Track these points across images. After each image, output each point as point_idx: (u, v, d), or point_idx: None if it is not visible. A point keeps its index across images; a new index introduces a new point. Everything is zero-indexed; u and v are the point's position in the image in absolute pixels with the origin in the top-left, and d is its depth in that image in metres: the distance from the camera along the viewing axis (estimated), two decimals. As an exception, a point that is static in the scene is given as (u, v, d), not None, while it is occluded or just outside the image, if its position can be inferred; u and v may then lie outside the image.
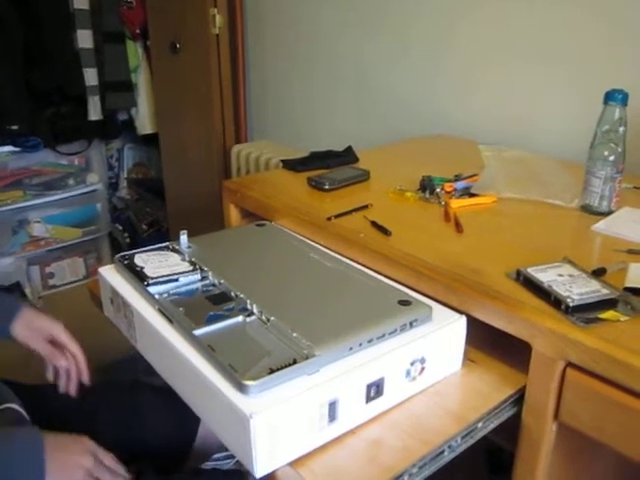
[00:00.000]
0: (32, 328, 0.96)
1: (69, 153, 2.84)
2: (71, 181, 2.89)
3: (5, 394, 0.92)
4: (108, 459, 0.85)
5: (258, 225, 1.07)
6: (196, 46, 2.22)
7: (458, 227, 0.96)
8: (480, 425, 0.73)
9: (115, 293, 0.88)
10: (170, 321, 0.77)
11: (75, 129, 2.78)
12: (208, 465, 1.14)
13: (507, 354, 0.82)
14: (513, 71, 1.43)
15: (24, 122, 2.64)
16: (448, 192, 1.10)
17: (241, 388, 0.63)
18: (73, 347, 0.97)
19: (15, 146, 2.71)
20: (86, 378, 0.97)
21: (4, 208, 2.69)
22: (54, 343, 0.97)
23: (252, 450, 0.62)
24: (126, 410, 1.06)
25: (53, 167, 2.86)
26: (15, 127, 2.63)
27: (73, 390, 0.97)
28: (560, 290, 0.73)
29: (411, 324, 0.75)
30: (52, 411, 1.01)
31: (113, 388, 1.11)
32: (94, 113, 2.68)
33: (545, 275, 0.77)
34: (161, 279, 0.84)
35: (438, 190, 1.10)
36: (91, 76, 2.61)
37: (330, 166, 1.27)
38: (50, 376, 0.97)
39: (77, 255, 2.90)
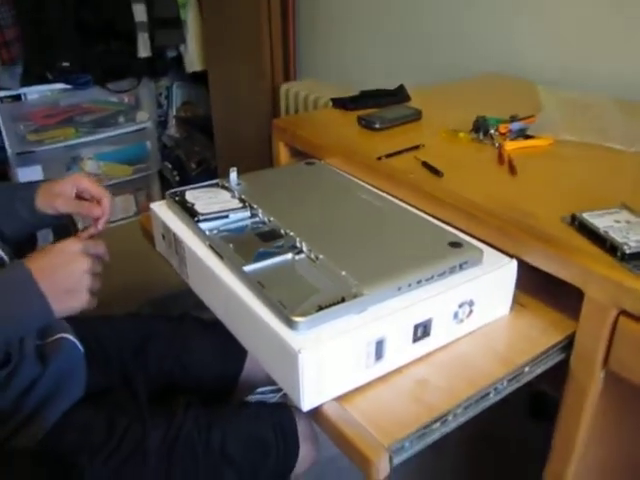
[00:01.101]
0: (54, 194, 0.94)
1: (119, 91, 2.86)
2: (121, 119, 2.91)
3: (59, 325, 0.95)
4: (95, 246, 0.82)
5: (307, 164, 1.06)
6: (246, -19, 2.18)
7: (512, 169, 0.93)
8: (527, 369, 0.73)
9: (167, 229, 0.90)
10: (220, 257, 0.78)
11: (125, 66, 2.79)
12: (253, 398, 1.18)
13: (558, 299, 0.81)
14: (575, 5, 1.36)
15: (75, 59, 2.65)
16: (502, 133, 1.07)
17: (290, 324, 0.64)
18: (97, 191, 0.94)
19: (67, 83, 2.73)
20: (102, 223, 0.94)
21: (57, 145, 2.74)
22: (80, 198, 0.96)
23: (299, 384, 0.63)
24: (175, 342, 1.09)
25: (103, 104, 2.88)
26: (66, 64, 2.65)
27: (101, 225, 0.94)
28: (616, 236, 0.71)
29: (461, 266, 0.74)
30: (104, 342, 1.05)
31: (162, 320, 1.14)
32: (143, 50, 2.67)
33: (601, 221, 0.75)
34: (211, 215, 0.85)
35: (492, 131, 1.07)
36: (140, 12, 2.60)
37: (381, 105, 1.24)
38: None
39: (128, 192, 2.94)
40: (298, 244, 0.78)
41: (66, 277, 0.76)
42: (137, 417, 0.90)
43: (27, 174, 2.57)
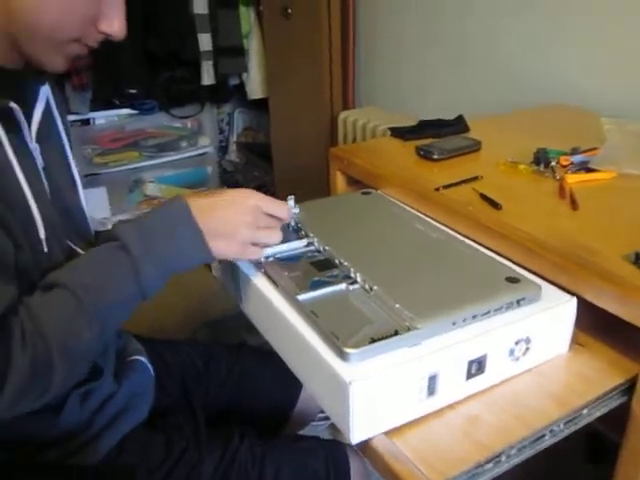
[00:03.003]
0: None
1: (182, 116, 2.94)
2: (184, 143, 2.99)
3: (134, 346, 0.97)
4: (274, 205, 0.79)
5: (364, 193, 1.07)
6: (307, 10, 2.22)
7: (573, 203, 0.91)
8: (585, 412, 0.70)
9: (223, 254, 0.91)
10: (275, 284, 0.79)
11: (189, 93, 2.87)
12: (306, 428, 1.17)
13: (619, 340, 0.78)
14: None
15: (141, 86, 2.74)
16: (564, 166, 1.05)
17: (342, 355, 0.64)
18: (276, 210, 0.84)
19: (133, 109, 2.82)
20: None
21: (121, 168, 2.83)
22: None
23: (349, 417, 0.62)
24: (234, 370, 1.11)
25: (167, 129, 2.96)
26: (133, 90, 2.74)
27: None
28: (684, 276, 0.69)
29: (518, 302, 0.73)
30: (169, 365, 1.08)
31: (222, 348, 1.16)
32: (207, 77, 2.74)
33: (668, 259, 0.72)
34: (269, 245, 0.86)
35: (553, 163, 1.05)
36: (205, 41, 2.68)
37: (439, 135, 1.24)
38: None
39: (187, 215, 3.01)
40: (352, 274, 0.78)
41: (223, 223, 0.74)
42: (194, 441, 0.91)
43: (92, 196, 2.66)
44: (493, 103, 1.73)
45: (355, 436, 0.64)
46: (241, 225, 0.75)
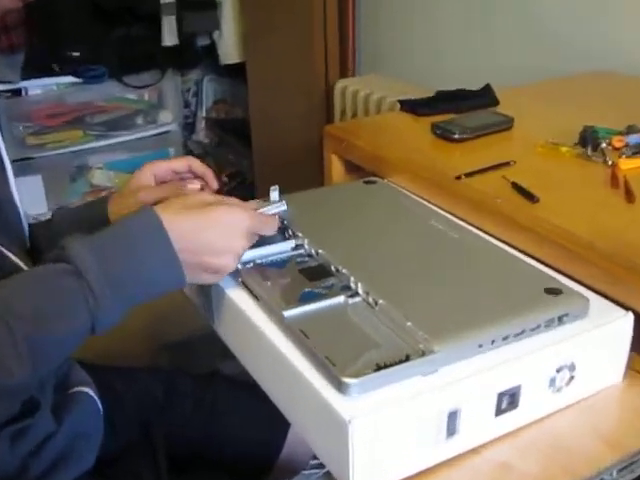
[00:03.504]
0: (129, 191, 0.95)
1: (138, 86, 2.93)
2: (140, 120, 2.98)
3: (78, 376, 0.97)
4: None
5: (367, 182, 1.07)
6: (296, -47, 2.23)
7: (628, 195, 0.91)
8: (644, 456, 0.71)
9: (190, 259, 0.91)
10: (255, 297, 0.78)
11: (146, 57, 2.87)
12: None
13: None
14: None
15: (87, 47, 2.74)
16: (617, 148, 1.05)
17: (339, 386, 0.63)
18: (186, 168, 0.97)
19: (76, 76, 2.81)
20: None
21: (61, 151, 2.82)
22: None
23: (349, 464, 0.62)
24: (203, 406, 1.11)
25: (119, 102, 2.96)
26: (76, 53, 2.73)
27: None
28: None
29: (560, 319, 0.73)
30: (123, 399, 1.07)
31: (189, 378, 1.16)
32: (169, 37, 2.74)
33: None
34: (246, 245, 0.86)
35: (603, 145, 1.05)
36: (167, -10, 2.67)
37: (461, 109, 1.24)
38: None
39: (145, 210, 3.02)
40: (353, 284, 0.78)
41: (207, 250, 0.76)
42: None
43: (25, 185, 2.64)
44: (527, 70, 1.73)
45: (356, 488, 0.64)
46: (230, 257, 0.77)
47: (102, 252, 0.71)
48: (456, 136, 1.12)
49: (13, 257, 0.83)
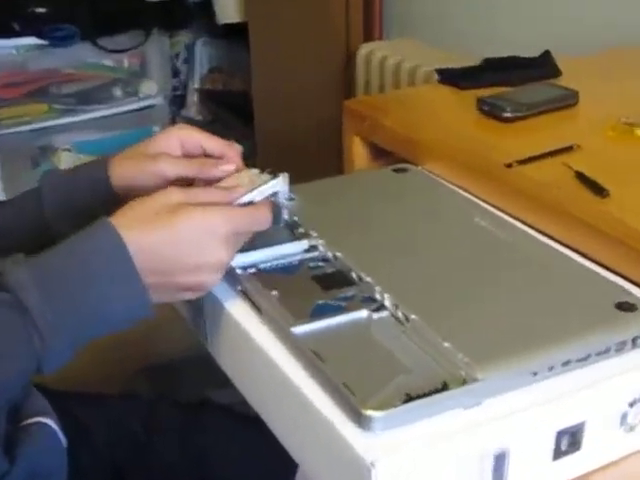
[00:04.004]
0: (149, 155, 0.93)
1: (116, 50, 2.92)
2: (117, 91, 2.98)
3: (36, 404, 0.97)
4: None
5: (396, 170, 1.07)
6: None
7: None
8: None
9: (177, 263, 0.91)
10: (258, 310, 0.79)
11: (126, 14, 2.86)
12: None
13: None
14: None
15: (54, 2, 2.73)
16: None
17: (360, 420, 0.63)
18: (217, 146, 0.94)
19: (40, 38, 2.80)
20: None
21: (21, 128, 2.81)
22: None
23: (372, 517, 0.62)
24: (190, 443, 1.11)
25: (92, 70, 2.95)
26: (41, 10, 2.73)
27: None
28: None
29: (634, 342, 0.72)
30: (92, 432, 1.08)
31: (173, 407, 1.16)
32: (154, -11, 2.74)
33: None
34: (246, 245, 0.86)
35: (691, 128, 1.06)
36: None
37: (513, 82, 1.24)
38: None
39: (122, 203, 3.02)
40: (378, 295, 0.78)
41: (178, 270, 0.76)
42: None
43: (-25, 169, 2.65)
44: (594, 37, 1.73)
45: None
46: (208, 273, 0.77)
47: (50, 282, 0.71)
48: (507, 114, 1.12)
49: None
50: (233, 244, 0.78)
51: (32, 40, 2.79)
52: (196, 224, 0.75)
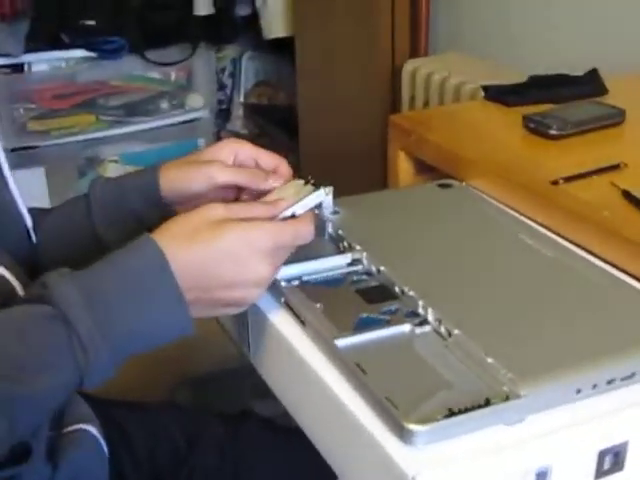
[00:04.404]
0: (201, 161, 0.95)
1: (164, 63, 2.93)
2: (164, 104, 2.99)
3: (79, 412, 0.98)
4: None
5: (441, 186, 1.07)
6: None
7: None
8: None
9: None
10: (302, 322, 0.79)
11: (174, 28, 2.86)
12: None
13: None
14: None
15: (103, 15, 2.74)
16: None
17: (402, 434, 0.63)
18: (269, 159, 0.95)
19: (89, 50, 2.80)
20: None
21: (69, 139, 2.81)
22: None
23: (413, 532, 0.62)
24: (231, 453, 1.11)
25: (140, 82, 2.96)
26: (90, 22, 2.74)
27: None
28: None
29: (680, 361, 0.72)
30: (133, 440, 1.08)
31: (214, 418, 1.16)
32: (202, 4, 2.75)
33: None
34: (291, 257, 0.86)
35: None
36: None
37: (560, 99, 1.24)
38: None
39: (168, 215, 3.03)
40: (421, 310, 0.78)
41: (222, 287, 0.76)
42: None
43: (24, 179, 2.66)
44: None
45: None
46: (249, 289, 0.77)
47: (94, 297, 0.71)
48: (553, 131, 1.12)
49: (9, 276, 0.83)
50: (276, 259, 0.78)
51: (81, 52, 2.80)
52: (238, 240, 0.75)
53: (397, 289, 0.82)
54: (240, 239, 0.75)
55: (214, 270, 0.75)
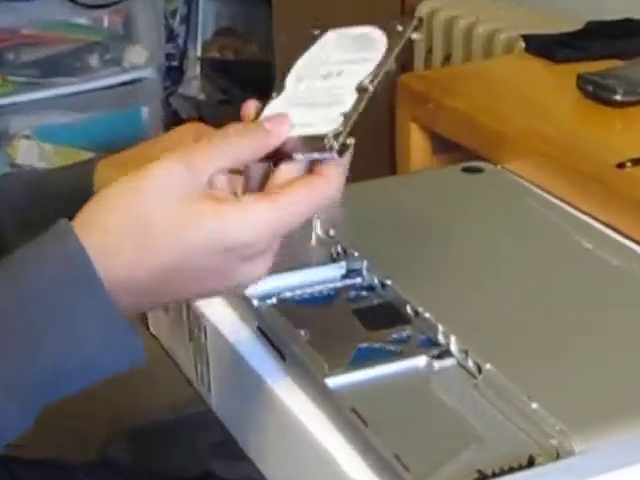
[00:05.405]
0: (160, 148, 0.86)
1: (93, 5, 2.94)
2: (94, 60, 2.99)
3: None
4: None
5: (467, 170, 1.07)
6: None
7: None
8: None
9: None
10: (281, 356, 0.79)
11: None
12: None
13: None
14: None
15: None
16: None
17: (414, 504, 0.64)
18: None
19: (-7, -14, 2.82)
20: None
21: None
22: None
23: None
24: None
25: (62, 30, 2.96)
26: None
27: None
28: None
29: None
30: None
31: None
32: None
33: None
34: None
35: None
36: None
37: (626, 53, 1.24)
38: None
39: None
40: (441, 337, 0.78)
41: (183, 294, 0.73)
42: None
43: None
44: None
45: None
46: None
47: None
48: (618, 97, 1.12)
49: None
50: (275, 246, 0.70)
51: (-18, -10, 2.81)
52: (217, 248, 0.69)
53: (409, 309, 0.82)
54: (221, 245, 0.66)
55: (178, 286, 0.70)
